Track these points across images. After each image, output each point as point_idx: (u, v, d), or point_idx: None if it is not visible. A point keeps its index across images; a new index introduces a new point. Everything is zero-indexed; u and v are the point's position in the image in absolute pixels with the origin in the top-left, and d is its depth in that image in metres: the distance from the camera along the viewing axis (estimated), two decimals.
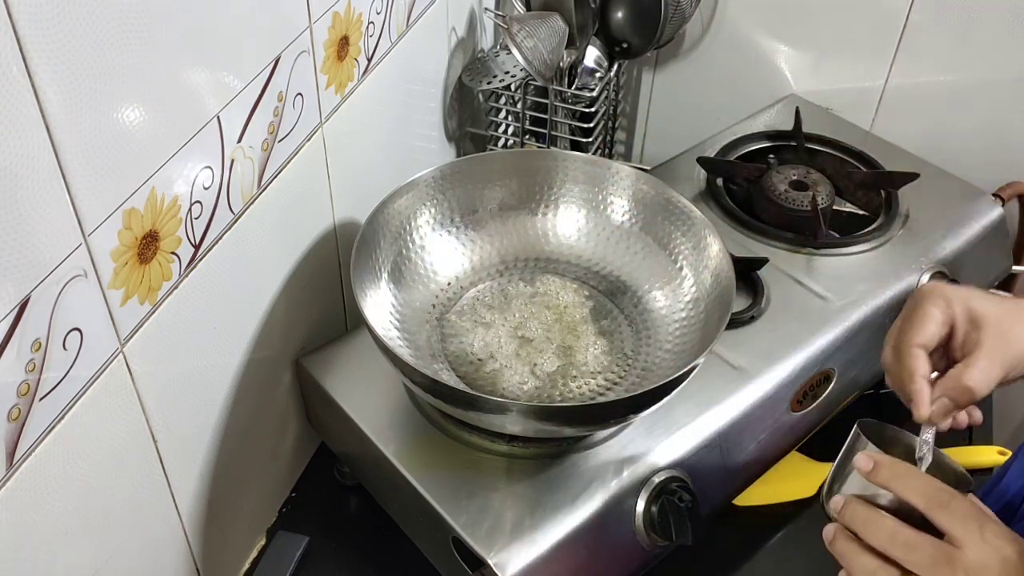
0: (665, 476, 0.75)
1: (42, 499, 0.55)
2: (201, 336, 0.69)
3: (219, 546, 0.80)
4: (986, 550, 0.53)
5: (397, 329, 0.79)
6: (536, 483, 0.73)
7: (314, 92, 0.77)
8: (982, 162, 1.14)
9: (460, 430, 0.76)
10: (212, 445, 0.75)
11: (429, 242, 0.85)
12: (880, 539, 0.56)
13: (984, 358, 0.62)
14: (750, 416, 0.81)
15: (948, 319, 0.64)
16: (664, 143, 1.32)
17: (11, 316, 0.50)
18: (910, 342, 0.64)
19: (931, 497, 0.56)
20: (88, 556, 0.62)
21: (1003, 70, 1.10)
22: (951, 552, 0.54)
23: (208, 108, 0.63)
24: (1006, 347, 0.62)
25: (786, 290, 0.90)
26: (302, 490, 0.92)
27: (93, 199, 0.54)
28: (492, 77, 1.08)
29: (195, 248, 0.66)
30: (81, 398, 0.57)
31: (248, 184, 0.70)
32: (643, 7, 1.10)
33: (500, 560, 0.68)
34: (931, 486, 0.56)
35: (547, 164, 0.89)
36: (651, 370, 0.79)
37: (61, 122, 0.50)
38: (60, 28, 0.48)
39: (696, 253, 0.83)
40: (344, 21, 0.79)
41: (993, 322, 0.63)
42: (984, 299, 0.64)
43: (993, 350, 0.62)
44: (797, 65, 1.20)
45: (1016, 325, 0.63)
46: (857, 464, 0.60)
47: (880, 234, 0.96)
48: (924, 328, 0.64)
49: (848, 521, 0.58)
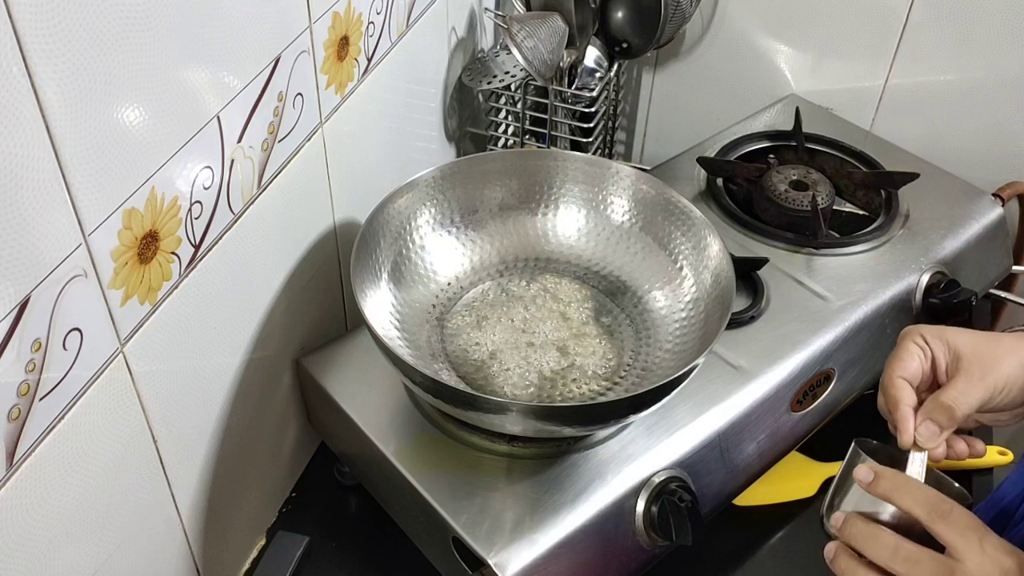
0: (665, 476, 0.75)
1: (42, 499, 0.55)
2: (201, 336, 0.69)
3: (219, 546, 0.80)
4: (986, 562, 0.54)
5: (397, 329, 0.79)
6: (536, 483, 0.73)
7: (314, 92, 0.77)
8: (982, 162, 1.15)
9: (460, 430, 0.76)
10: (212, 445, 0.75)
11: (429, 242, 0.85)
12: (881, 555, 0.57)
13: (963, 380, 0.64)
14: (750, 416, 0.81)
15: (927, 353, 0.66)
16: (664, 143, 1.32)
17: (11, 316, 0.50)
18: (892, 375, 0.66)
19: (932, 507, 0.56)
20: (88, 556, 0.62)
21: (1003, 70, 1.10)
22: (952, 565, 0.54)
23: (208, 108, 0.63)
24: (985, 369, 0.64)
25: (786, 290, 0.90)
26: (302, 490, 0.92)
27: (93, 199, 0.54)
28: (492, 77, 1.08)
29: (195, 248, 0.66)
30: (81, 398, 0.57)
31: (248, 184, 0.70)
32: (643, 7, 1.10)
33: (500, 560, 0.68)
34: (932, 497, 0.57)
35: (547, 164, 0.89)
36: (651, 370, 0.79)
37: (61, 122, 0.50)
38: (60, 28, 0.48)
39: (696, 253, 0.83)
40: (344, 21, 0.79)
41: (971, 348, 0.65)
42: (960, 332, 0.67)
43: (971, 372, 0.64)
44: (797, 65, 1.20)
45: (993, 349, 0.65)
46: (857, 476, 0.60)
47: (880, 234, 0.96)
48: (904, 362, 0.66)
49: (849, 538, 0.59)
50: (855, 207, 1.04)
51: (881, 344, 0.90)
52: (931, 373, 0.67)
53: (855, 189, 1.04)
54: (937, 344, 0.66)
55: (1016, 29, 1.07)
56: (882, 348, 0.88)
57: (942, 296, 0.92)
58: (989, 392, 0.64)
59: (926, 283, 0.93)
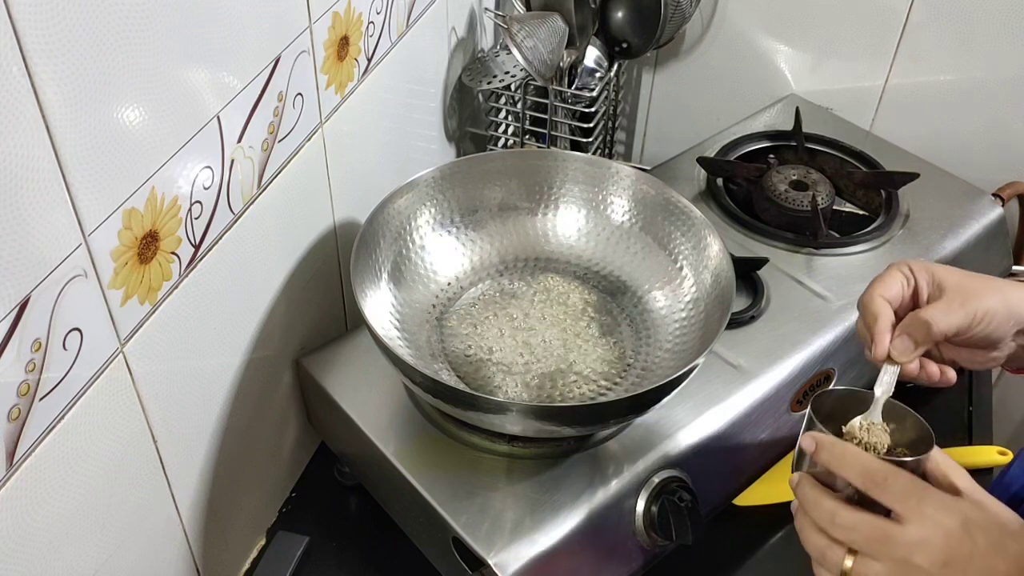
0: (665, 476, 0.75)
1: (42, 499, 0.55)
2: (201, 336, 0.69)
3: (219, 546, 0.80)
4: (926, 525, 0.53)
5: (397, 329, 0.79)
6: (536, 483, 0.73)
7: (314, 92, 0.77)
8: (982, 162, 1.15)
9: (460, 430, 0.76)
10: (212, 445, 0.75)
11: (429, 242, 0.85)
12: (822, 520, 0.57)
13: (944, 302, 0.64)
14: (750, 416, 0.81)
15: (910, 280, 0.67)
16: (664, 143, 1.32)
17: (11, 316, 0.50)
18: (873, 293, 0.66)
19: (867, 476, 0.56)
20: (88, 556, 0.62)
21: (1003, 70, 1.10)
22: (889, 529, 0.54)
23: (208, 108, 0.63)
24: (966, 297, 0.64)
25: (786, 290, 0.90)
26: (302, 490, 0.92)
27: (93, 199, 0.54)
28: (492, 77, 1.08)
29: (195, 248, 0.66)
30: (81, 398, 0.57)
31: (248, 184, 0.70)
32: (643, 7, 1.10)
33: (500, 560, 0.68)
34: (868, 464, 0.56)
35: (547, 164, 0.89)
36: (651, 370, 0.79)
37: (61, 122, 0.50)
38: (60, 28, 0.48)
39: (696, 253, 0.83)
40: (344, 21, 0.79)
41: (956, 280, 0.66)
42: (947, 268, 0.67)
43: (953, 298, 0.64)
44: (797, 65, 1.20)
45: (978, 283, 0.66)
46: (801, 444, 0.61)
47: (880, 234, 0.96)
48: (887, 284, 0.66)
49: (800, 501, 0.60)
50: (855, 207, 1.04)
51: None
52: (911, 301, 0.67)
53: (855, 189, 1.04)
54: (922, 274, 0.66)
55: (1016, 29, 1.07)
56: None
57: None
58: (968, 319, 0.64)
59: None
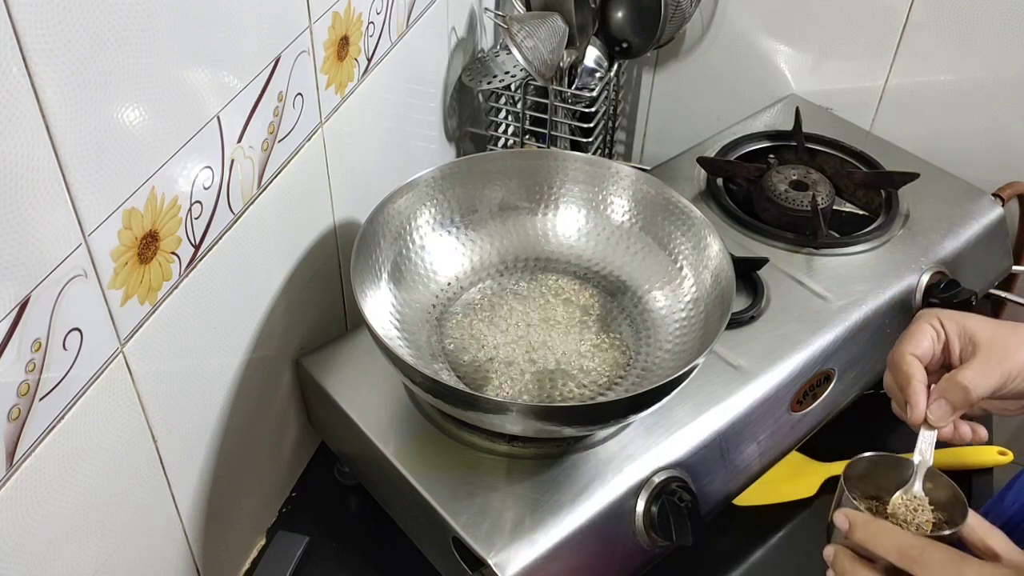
0: (665, 476, 0.75)
1: (42, 499, 0.55)
2: (201, 336, 0.69)
3: (219, 546, 0.80)
4: None
5: (397, 329, 0.79)
6: (536, 483, 0.73)
7: (314, 92, 0.77)
8: (982, 162, 1.15)
9: (460, 430, 0.76)
10: (212, 445, 0.75)
11: (429, 242, 0.85)
12: None
13: (980, 362, 0.63)
14: (750, 416, 0.81)
15: (941, 335, 0.66)
16: (664, 143, 1.32)
17: (11, 316, 0.50)
18: (904, 351, 0.66)
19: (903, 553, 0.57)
20: (88, 556, 0.62)
21: (1003, 70, 1.10)
22: None
23: (208, 108, 0.63)
24: (1003, 355, 0.64)
25: (786, 290, 0.90)
26: (302, 490, 0.92)
27: (93, 199, 0.54)
28: (492, 77, 1.08)
29: (195, 248, 0.66)
30: (81, 398, 0.57)
31: (248, 184, 0.70)
32: (643, 7, 1.10)
33: (500, 560, 0.68)
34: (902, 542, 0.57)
35: (547, 164, 0.89)
36: (651, 370, 0.79)
37: (61, 122, 0.50)
38: (60, 28, 0.48)
39: (696, 253, 0.83)
40: (344, 21, 0.79)
41: (989, 335, 0.65)
42: (977, 318, 0.66)
43: (989, 357, 0.64)
44: (797, 65, 1.20)
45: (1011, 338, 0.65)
46: (835, 523, 0.62)
47: (880, 234, 0.96)
48: (917, 340, 0.66)
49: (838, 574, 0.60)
50: (855, 207, 1.04)
51: (881, 344, 0.90)
52: (941, 357, 0.66)
53: (855, 189, 1.04)
54: (952, 328, 0.65)
55: (1016, 29, 1.07)
56: (882, 348, 0.88)
57: (942, 296, 0.92)
58: (1004, 378, 0.63)
59: (926, 283, 0.93)
